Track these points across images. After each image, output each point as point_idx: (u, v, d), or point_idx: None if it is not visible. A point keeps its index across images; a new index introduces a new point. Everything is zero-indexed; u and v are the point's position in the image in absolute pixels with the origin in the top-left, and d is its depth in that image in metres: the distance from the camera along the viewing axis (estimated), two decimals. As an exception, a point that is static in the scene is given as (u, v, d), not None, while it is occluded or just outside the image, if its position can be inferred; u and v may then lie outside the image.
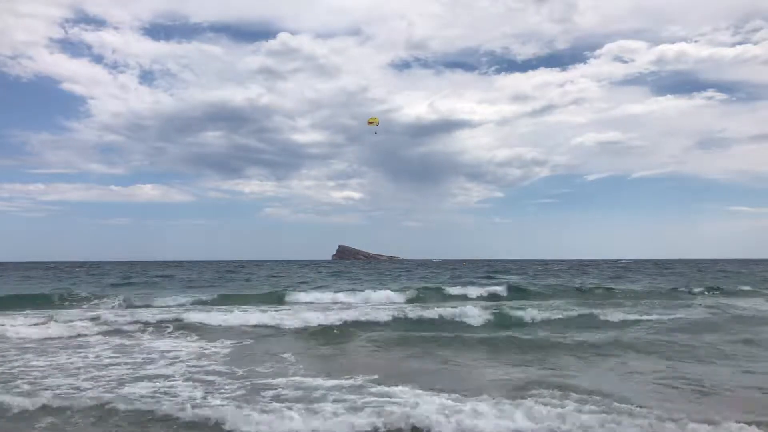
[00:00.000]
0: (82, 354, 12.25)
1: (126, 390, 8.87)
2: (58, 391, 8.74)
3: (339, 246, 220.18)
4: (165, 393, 8.70)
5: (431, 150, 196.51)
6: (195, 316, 17.62)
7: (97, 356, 11.98)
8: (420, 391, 8.53)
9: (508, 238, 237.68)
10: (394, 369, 10.82)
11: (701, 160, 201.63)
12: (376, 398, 8.23)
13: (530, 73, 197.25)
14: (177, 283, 40.70)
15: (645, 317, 17.69)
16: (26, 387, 9.06)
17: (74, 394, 8.62)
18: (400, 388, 8.75)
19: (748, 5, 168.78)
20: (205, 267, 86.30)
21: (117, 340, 14.22)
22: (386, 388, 8.79)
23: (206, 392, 8.77)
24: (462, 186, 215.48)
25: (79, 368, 10.68)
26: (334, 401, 8.08)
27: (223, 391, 8.90)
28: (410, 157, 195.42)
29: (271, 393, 8.71)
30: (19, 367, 10.74)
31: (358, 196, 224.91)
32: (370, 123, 27.57)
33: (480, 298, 27.04)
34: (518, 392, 8.55)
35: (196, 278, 46.58)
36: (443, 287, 30.79)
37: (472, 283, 35.86)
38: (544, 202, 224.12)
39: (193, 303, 24.25)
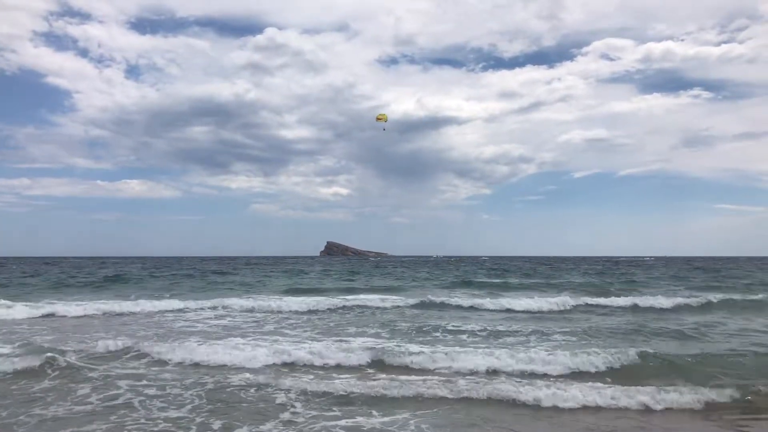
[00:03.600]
0: None
1: None
2: None
3: (327, 242, 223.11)
4: None
5: (419, 146, 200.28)
6: None
7: None
8: None
9: (495, 235, 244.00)
10: None
11: (687, 158, 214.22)
12: None
13: (517, 70, 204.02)
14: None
15: None
16: None
17: None
18: None
19: (734, 4, 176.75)
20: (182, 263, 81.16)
21: None
22: None
23: None
24: (450, 183, 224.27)
25: None
26: None
27: None
28: (398, 154, 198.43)
29: None
30: None
31: (346, 192, 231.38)
32: (378, 119, 28.57)
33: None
34: None
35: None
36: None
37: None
38: (531, 199, 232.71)
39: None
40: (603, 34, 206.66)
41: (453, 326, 15.62)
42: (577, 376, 9.86)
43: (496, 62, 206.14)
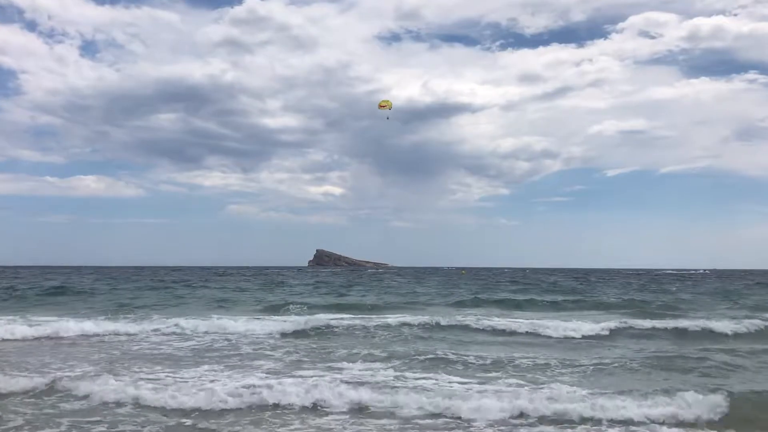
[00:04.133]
0: None
1: None
2: None
3: (317, 250, 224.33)
4: None
5: (425, 138, 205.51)
6: None
7: None
8: None
9: (514, 243, 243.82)
10: None
11: (740, 154, 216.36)
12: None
13: (541, 49, 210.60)
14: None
15: None
16: None
17: None
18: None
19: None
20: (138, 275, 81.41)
21: None
22: None
23: None
24: (461, 181, 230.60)
25: None
26: None
27: None
28: (400, 147, 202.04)
29: None
30: None
31: (339, 191, 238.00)
32: (381, 107, 29.79)
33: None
34: None
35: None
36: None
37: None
38: (556, 201, 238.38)
39: None
40: (642, 7, 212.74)
41: (466, 354, 15.32)
42: (632, 422, 9.31)
43: (516, 40, 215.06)
